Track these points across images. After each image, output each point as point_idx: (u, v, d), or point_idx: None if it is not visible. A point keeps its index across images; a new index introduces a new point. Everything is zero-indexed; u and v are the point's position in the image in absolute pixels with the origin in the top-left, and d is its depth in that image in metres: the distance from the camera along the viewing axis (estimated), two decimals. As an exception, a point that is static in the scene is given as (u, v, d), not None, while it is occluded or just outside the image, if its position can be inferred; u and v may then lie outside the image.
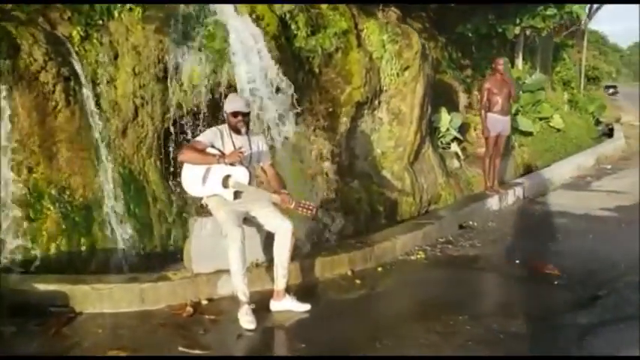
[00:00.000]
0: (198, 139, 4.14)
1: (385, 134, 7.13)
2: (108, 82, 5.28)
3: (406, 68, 6.91)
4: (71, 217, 5.00)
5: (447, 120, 8.63)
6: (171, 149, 5.53)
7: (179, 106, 5.50)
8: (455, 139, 8.87)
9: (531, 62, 13.99)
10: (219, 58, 5.47)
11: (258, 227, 4.18)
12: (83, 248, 5.00)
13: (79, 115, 5.10)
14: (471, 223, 6.25)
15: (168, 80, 5.43)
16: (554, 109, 12.22)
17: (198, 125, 5.52)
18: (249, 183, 4.07)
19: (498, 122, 7.20)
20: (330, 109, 6.60)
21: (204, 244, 4.18)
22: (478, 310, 4.03)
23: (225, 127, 4.21)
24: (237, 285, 3.89)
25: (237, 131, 4.13)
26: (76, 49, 5.17)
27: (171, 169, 5.58)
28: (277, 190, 4.08)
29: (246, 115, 4.15)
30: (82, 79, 5.12)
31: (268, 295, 4.15)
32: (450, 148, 8.77)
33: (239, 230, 3.84)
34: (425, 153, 7.68)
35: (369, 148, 7.16)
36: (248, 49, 5.52)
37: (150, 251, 5.33)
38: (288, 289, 4.06)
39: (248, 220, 4.11)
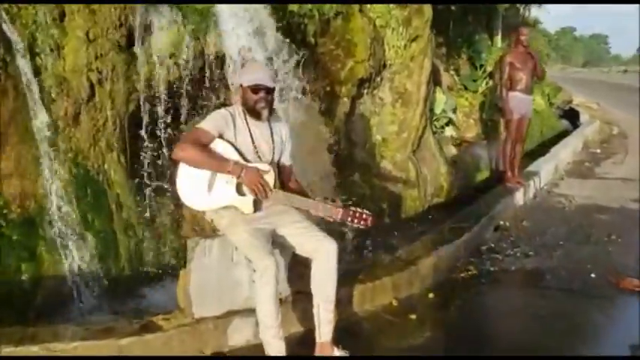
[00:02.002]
0: (203, 126, 2.91)
1: (387, 117, 6.05)
2: (52, 50, 3.90)
3: (414, 39, 5.83)
4: (6, 236, 3.65)
5: (441, 101, 7.66)
6: (142, 140, 4.22)
7: (149, 83, 4.21)
8: (449, 122, 7.91)
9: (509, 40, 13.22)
10: (202, 20, 4.21)
11: (282, 249, 3.00)
12: (24, 278, 3.67)
13: (12, 95, 3.72)
14: (501, 223, 5.28)
15: (135, 48, 4.13)
16: (531, 89, 11.51)
17: (177, 109, 4.26)
18: (274, 186, 2.91)
19: (522, 102, 6.23)
20: (328, 88, 5.45)
21: (208, 276, 2.96)
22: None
23: (238, 110, 3.01)
24: (271, 343, 2.73)
25: (257, 115, 2.95)
26: (6, 6, 3.77)
27: (141, 165, 4.28)
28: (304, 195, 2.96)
29: (270, 93, 2.96)
30: (17, 47, 3.74)
31: (296, 342, 3.02)
32: (443, 132, 7.81)
33: (272, 260, 2.66)
34: (426, 139, 6.66)
35: (368, 134, 6.07)
36: (237, 9, 4.29)
37: (116, 276, 4.05)
38: (334, 338, 2.91)
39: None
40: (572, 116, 14.45)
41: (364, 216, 2.90)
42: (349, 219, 2.87)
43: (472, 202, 5.68)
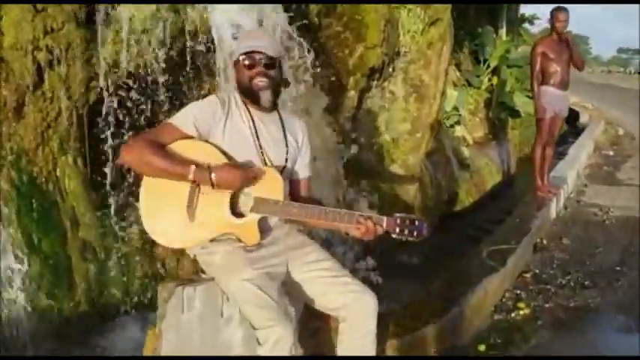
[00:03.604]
0: (172, 120, 2.06)
1: (398, 114, 5.21)
2: None
3: (434, 22, 4.99)
4: None
5: (452, 97, 6.85)
6: (105, 140, 3.32)
7: (114, 67, 3.32)
8: (458, 121, 7.12)
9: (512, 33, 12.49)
10: (183, -13, 3.33)
11: (292, 296, 2.12)
12: (-56, 321, 2.77)
13: None
14: (538, 241, 4.48)
15: (96, 24, 3.23)
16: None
17: (150, 101, 3.38)
18: (283, 197, 2.06)
19: (556, 99, 5.40)
20: (333, 79, 4.59)
21: (187, 340, 2.06)
22: None
23: (234, 97, 2.16)
24: None
25: (255, 99, 2.10)
26: None
27: (103, 172, 3.38)
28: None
29: (271, 67, 2.09)
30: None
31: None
32: (454, 132, 7.01)
33: (288, 327, 1.80)
34: (440, 140, 5.85)
35: (375, 133, 5.22)
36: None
37: (68, 315, 3.15)
38: None
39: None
40: (569, 116, 13.78)
41: (416, 223, 2.04)
42: (397, 229, 2.01)
43: (499, 214, 4.88)
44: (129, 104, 3.40)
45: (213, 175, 1.93)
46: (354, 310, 2.00)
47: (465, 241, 4.74)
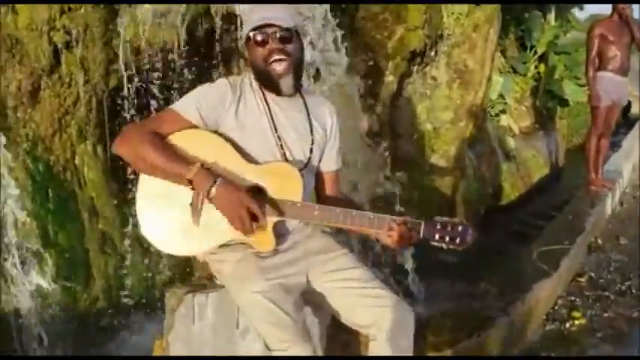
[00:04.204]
0: (175, 106, 1.81)
1: (441, 102, 4.88)
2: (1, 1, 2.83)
3: (480, 2, 4.64)
4: None
5: (497, 84, 6.46)
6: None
7: (136, 49, 3.11)
8: (503, 109, 6.74)
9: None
10: (208, -37, 3.10)
11: (317, 307, 1.86)
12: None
13: (-60, 60, 2.66)
14: (592, 240, 4.12)
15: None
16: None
17: (173, 84, 3.17)
18: (303, 198, 1.79)
19: (614, 86, 4.98)
20: (371, 63, 4.30)
21: (197, 352, 1.83)
22: None
23: (249, 80, 1.88)
24: None
25: (273, 84, 1.80)
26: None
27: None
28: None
29: (287, 40, 1.78)
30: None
31: None
32: (499, 121, 6.63)
33: (305, 347, 1.57)
34: (485, 129, 5.50)
35: (415, 122, 4.91)
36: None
37: (86, 311, 2.98)
38: None
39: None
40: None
41: (459, 229, 1.73)
42: (436, 235, 1.71)
43: (547, 209, 4.53)
44: (151, 88, 3.19)
45: (214, 189, 1.64)
46: (386, 328, 1.72)
47: (512, 238, 4.41)
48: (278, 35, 1.76)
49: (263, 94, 1.84)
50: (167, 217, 1.71)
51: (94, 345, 2.88)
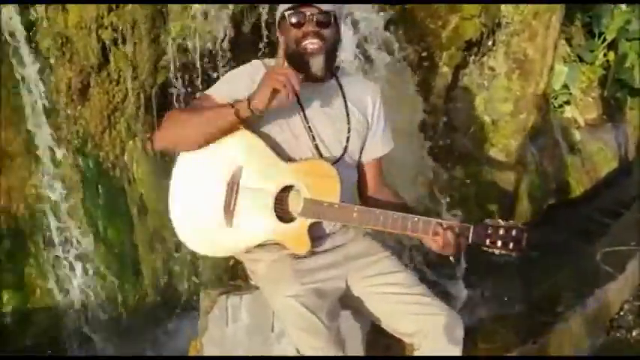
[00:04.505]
0: (209, 90, 1.77)
1: (499, 93, 4.68)
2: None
3: (541, -12, 4.42)
4: (-17, 254, 2.67)
5: (561, 73, 6.15)
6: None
7: (184, 45, 3.10)
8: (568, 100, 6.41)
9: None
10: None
11: (357, 312, 1.76)
12: (6, 311, 2.69)
13: (-7, 59, 2.72)
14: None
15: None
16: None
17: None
18: (341, 199, 1.67)
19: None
20: (424, 54, 4.16)
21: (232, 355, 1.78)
22: None
23: (281, 64, 1.71)
24: None
25: (304, 66, 1.69)
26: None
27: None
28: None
29: (325, 24, 1.68)
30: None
31: None
32: (563, 112, 6.31)
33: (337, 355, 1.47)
34: (548, 121, 5.24)
35: (472, 114, 4.73)
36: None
37: (135, 308, 3.00)
38: None
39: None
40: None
41: (513, 233, 1.60)
42: (487, 240, 1.59)
43: (614, 205, 4.26)
44: (199, 84, 3.17)
45: (252, 100, 1.57)
46: (431, 337, 1.61)
47: (576, 237, 4.17)
48: (315, 18, 1.67)
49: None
50: (199, 217, 1.67)
51: (141, 341, 2.89)
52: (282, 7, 1.73)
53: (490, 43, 4.53)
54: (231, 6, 3.07)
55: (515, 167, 4.77)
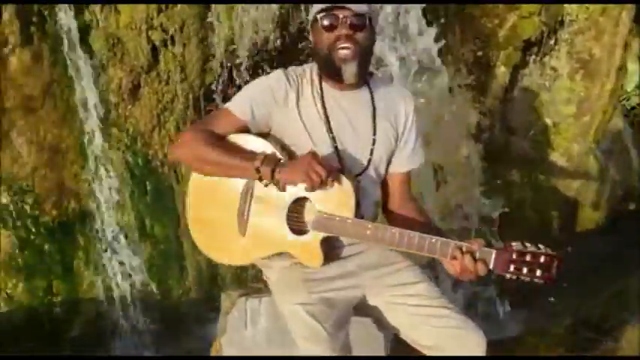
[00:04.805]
0: (229, 105, 1.66)
1: (562, 94, 4.46)
2: (105, 1, 2.97)
3: (609, -16, 4.18)
4: (35, 245, 2.80)
5: (634, 73, 5.80)
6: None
7: (231, 46, 3.13)
8: (642, 102, 6.05)
9: None
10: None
11: (379, 322, 1.70)
12: (56, 300, 2.81)
13: (49, 61, 2.85)
14: None
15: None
16: None
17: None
18: (359, 213, 1.58)
19: None
20: (479, 53, 4.02)
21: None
22: None
23: (309, 71, 1.69)
24: None
25: (335, 73, 1.61)
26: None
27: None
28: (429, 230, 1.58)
29: (359, 28, 1.59)
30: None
31: None
32: (634, 115, 5.97)
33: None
34: (616, 125, 4.95)
35: (532, 117, 4.53)
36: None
37: (178, 302, 3.07)
38: None
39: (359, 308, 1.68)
40: None
41: (542, 260, 1.42)
42: (512, 267, 1.43)
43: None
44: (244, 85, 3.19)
45: (277, 171, 1.52)
46: (449, 351, 1.52)
47: (636, 249, 3.92)
48: (349, 21, 1.57)
49: (321, 87, 1.66)
50: (214, 224, 1.64)
51: (182, 334, 2.95)
52: (315, 9, 1.62)
53: (552, 42, 4.32)
54: (275, 7, 3.07)
55: (576, 172, 4.54)
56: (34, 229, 2.79)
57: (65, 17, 2.86)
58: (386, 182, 1.76)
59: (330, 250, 1.61)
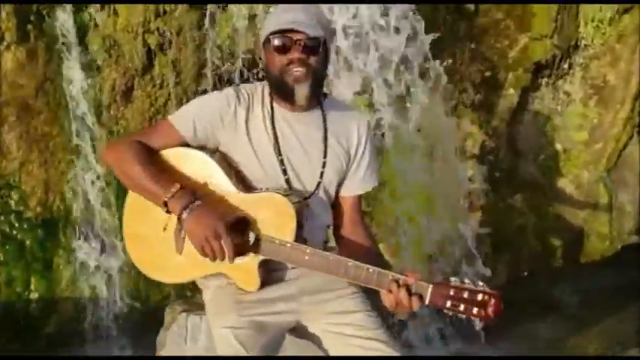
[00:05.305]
0: (171, 118, 1.63)
1: (574, 120, 4.34)
2: (105, 2, 2.99)
3: (627, 10, 4.04)
4: (17, 241, 2.83)
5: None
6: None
7: (229, 52, 3.13)
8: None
9: None
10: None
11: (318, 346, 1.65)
12: (33, 297, 2.83)
13: (44, 58, 2.88)
14: None
15: (211, 5, 3.07)
16: None
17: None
18: (301, 237, 1.55)
19: None
20: (488, 74, 3.95)
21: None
22: None
23: (261, 90, 1.65)
24: None
25: (288, 95, 1.57)
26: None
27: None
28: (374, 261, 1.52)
29: (313, 51, 1.55)
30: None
31: None
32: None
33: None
34: (630, 154, 4.78)
35: (542, 141, 4.42)
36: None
37: (159, 304, 3.06)
38: None
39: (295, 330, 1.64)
40: None
41: (481, 298, 1.38)
42: (449, 303, 1.39)
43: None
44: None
45: (186, 212, 1.46)
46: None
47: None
48: (302, 44, 1.52)
49: (272, 107, 1.61)
50: (151, 239, 1.59)
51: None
52: (266, 29, 1.58)
53: (566, 66, 4.22)
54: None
55: (585, 202, 4.41)
56: (17, 225, 2.82)
57: (64, 17, 2.88)
58: (337, 205, 1.71)
59: (269, 273, 1.56)
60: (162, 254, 1.58)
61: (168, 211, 1.51)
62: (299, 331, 1.60)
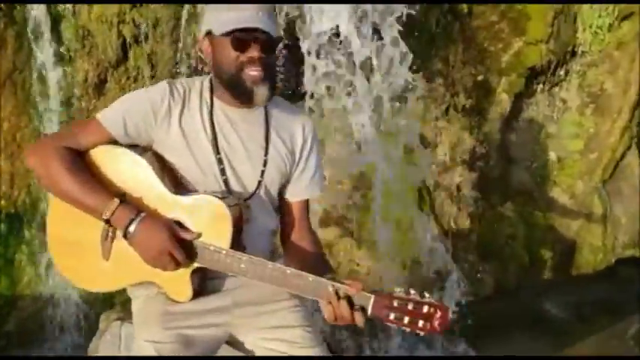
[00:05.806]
0: (99, 116, 1.48)
1: (569, 129, 4.22)
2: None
3: (627, 16, 3.91)
4: (-21, 235, 2.75)
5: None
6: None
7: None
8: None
9: None
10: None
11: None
12: (-7, 294, 2.74)
13: (13, 47, 2.79)
14: None
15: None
16: None
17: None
18: (241, 243, 1.44)
19: None
20: (480, 78, 3.83)
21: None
22: None
23: (199, 85, 1.53)
24: None
25: (248, 95, 1.43)
26: None
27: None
28: (323, 269, 1.41)
29: (271, 51, 1.45)
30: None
31: None
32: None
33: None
34: (628, 165, 4.66)
35: (536, 149, 4.31)
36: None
37: (125, 302, 2.96)
38: None
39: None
40: None
41: (426, 310, 1.29)
42: (391, 315, 1.29)
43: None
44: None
45: (132, 226, 1.36)
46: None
47: (634, 301, 3.67)
48: (262, 43, 1.42)
49: (212, 102, 1.50)
50: (75, 246, 1.48)
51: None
52: (221, 25, 1.44)
53: (562, 72, 4.09)
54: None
55: (579, 212, 4.29)
56: (-20, 218, 2.74)
57: (37, 5, 2.79)
58: (283, 211, 1.60)
59: (204, 282, 1.45)
60: (87, 261, 1.47)
61: (110, 226, 1.41)
62: (234, 345, 1.49)
